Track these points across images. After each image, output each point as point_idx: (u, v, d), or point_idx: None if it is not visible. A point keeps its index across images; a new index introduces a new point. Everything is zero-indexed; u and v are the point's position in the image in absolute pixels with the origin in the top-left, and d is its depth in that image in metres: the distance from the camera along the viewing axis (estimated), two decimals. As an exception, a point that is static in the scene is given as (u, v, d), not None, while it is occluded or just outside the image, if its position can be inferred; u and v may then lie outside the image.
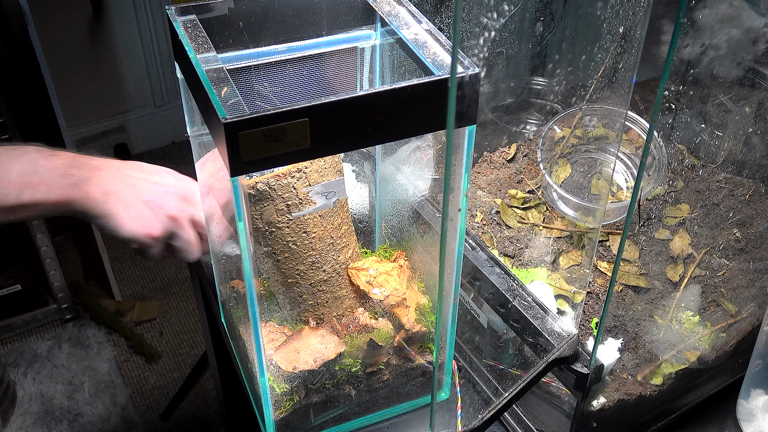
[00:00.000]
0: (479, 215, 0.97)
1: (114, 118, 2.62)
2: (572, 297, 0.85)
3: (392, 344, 0.79)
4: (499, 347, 0.86)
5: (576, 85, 1.04)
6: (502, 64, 1.06)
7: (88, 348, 2.05)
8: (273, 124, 0.54)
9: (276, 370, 0.75)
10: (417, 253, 0.84)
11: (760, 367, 0.83)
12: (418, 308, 0.81)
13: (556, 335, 0.74)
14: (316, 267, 0.76)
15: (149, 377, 2.02)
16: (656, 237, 0.93)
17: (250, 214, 0.70)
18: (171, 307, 2.22)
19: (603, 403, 0.78)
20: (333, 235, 0.76)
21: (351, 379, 0.79)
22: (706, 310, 0.87)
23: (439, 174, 0.79)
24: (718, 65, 0.96)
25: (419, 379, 0.83)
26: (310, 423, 0.80)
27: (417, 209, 0.84)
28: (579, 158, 1.01)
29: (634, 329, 0.83)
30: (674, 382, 0.82)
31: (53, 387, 1.93)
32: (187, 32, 0.66)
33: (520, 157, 1.06)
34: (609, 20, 0.86)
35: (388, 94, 0.57)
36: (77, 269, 2.24)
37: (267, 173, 0.69)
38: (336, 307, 0.79)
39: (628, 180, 0.99)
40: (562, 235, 0.94)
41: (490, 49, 0.99)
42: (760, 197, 0.96)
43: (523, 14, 1.02)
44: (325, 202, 0.72)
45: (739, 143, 1.00)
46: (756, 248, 0.91)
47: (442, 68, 0.61)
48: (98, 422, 1.87)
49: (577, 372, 0.73)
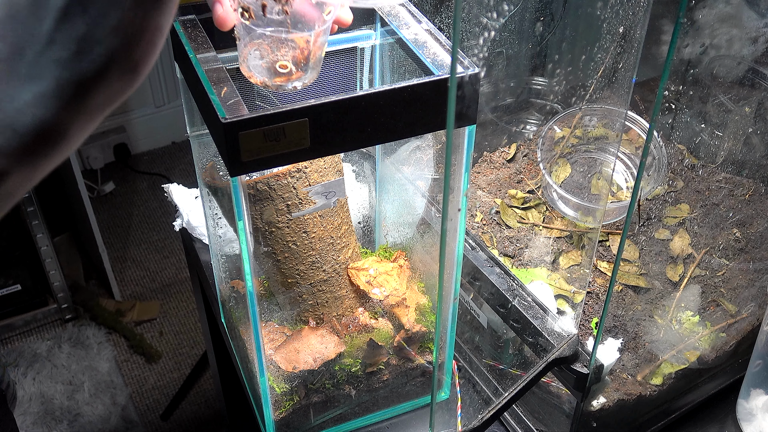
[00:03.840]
0: (479, 215, 0.97)
1: (114, 118, 2.62)
2: (572, 297, 0.85)
3: (392, 344, 0.79)
4: (499, 347, 0.86)
5: (576, 85, 1.04)
6: (502, 64, 1.06)
7: (88, 348, 2.05)
8: (273, 124, 0.54)
9: (276, 370, 0.75)
10: (417, 253, 0.84)
11: (760, 367, 0.83)
12: (418, 308, 0.81)
13: (556, 335, 0.74)
14: (316, 267, 0.76)
15: (149, 377, 2.02)
16: (656, 237, 0.93)
17: (250, 213, 0.70)
18: (171, 307, 2.22)
19: (603, 403, 0.78)
20: (333, 235, 0.76)
21: (351, 379, 0.79)
22: (706, 310, 0.87)
23: (439, 174, 0.79)
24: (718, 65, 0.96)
25: (419, 379, 0.83)
26: (310, 423, 0.80)
27: (417, 209, 0.84)
28: (579, 158, 1.01)
29: (634, 329, 0.83)
30: (674, 382, 0.82)
31: (53, 387, 1.93)
32: (186, 32, 0.66)
33: (520, 157, 1.06)
34: (609, 20, 0.86)
35: (388, 94, 0.57)
36: (77, 269, 2.24)
37: (267, 173, 0.69)
38: (336, 307, 0.79)
39: (628, 180, 0.99)
40: (562, 235, 0.94)
41: (490, 49, 0.99)
42: (760, 197, 0.96)
43: (523, 14, 1.02)
44: (325, 202, 0.72)
45: (739, 143, 1.00)
46: (756, 248, 0.91)
47: (442, 68, 0.61)
48: (98, 422, 1.87)
49: (577, 372, 0.73)
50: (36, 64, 0.34)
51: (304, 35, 0.59)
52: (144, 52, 0.36)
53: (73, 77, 0.34)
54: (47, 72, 0.34)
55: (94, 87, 0.35)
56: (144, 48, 0.36)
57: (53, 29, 0.34)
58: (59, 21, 0.34)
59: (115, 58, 0.35)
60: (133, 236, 2.44)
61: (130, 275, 2.31)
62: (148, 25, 0.36)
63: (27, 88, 0.34)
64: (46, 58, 0.34)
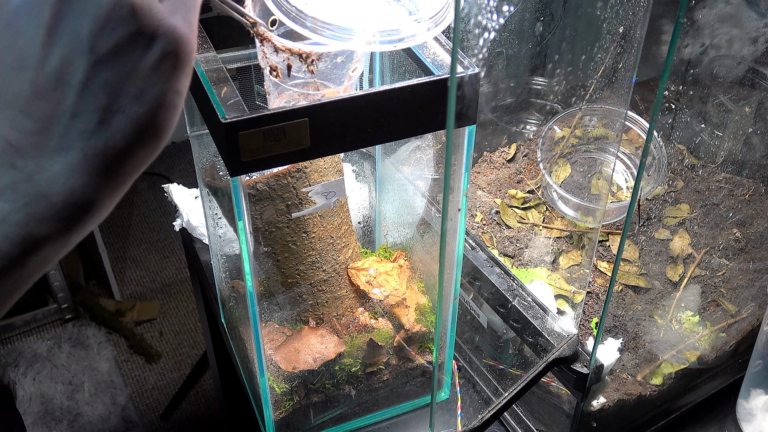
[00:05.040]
0: (479, 215, 0.97)
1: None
2: (572, 297, 0.85)
3: (392, 344, 0.79)
4: (499, 347, 0.86)
5: (576, 85, 1.04)
6: (502, 64, 1.06)
7: (88, 348, 2.05)
8: (273, 124, 0.54)
9: (276, 370, 0.75)
10: (417, 253, 0.84)
11: (760, 367, 0.83)
12: (418, 308, 0.81)
13: (556, 335, 0.74)
14: (316, 267, 0.76)
15: (149, 377, 2.02)
16: (656, 237, 0.93)
17: (250, 213, 0.70)
18: (171, 307, 2.22)
19: (603, 403, 0.78)
20: (333, 235, 0.76)
21: (351, 379, 0.79)
22: (706, 310, 0.87)
23: (439, 174, 0.79)
24: (718, 65, 0.96)
25: (419, 379, 0.83)
26: (310, 423, 0.80)
27: (417, 209, 0.84)
28: (579, 158, 1.01)
29: (634, 329, 0.83)
30: (674, 382, 0.82)
31: (53, 387, 1.93)
32: (187, 32, 0.66)
33: (520, 157, 1.06)
34: (609, 20, 0.86)
35: (388, 94, 0.57)
36: (77, 269, 2.24)
37: (267, 173, 0.69)
38: (336, 307, 0.79)
39: (628, 180, 0.99)
40: (562, 235, 0.94)
41: (490, 49, 0.99)
42: (760, 197, 0.96)
43: (523, 14, 1.02)
44: (325, 202, 0.72)
45: (739, 143, 1.00)
46: (756, 248, 0.91)
47: (442, 68, 0.61)
48: (98, 422, 1.87)
49: (577, 372, 0.73)
50: (64, 137, 0.36)
51: (330, 91, 0.60)
52: (165, 116, 0.38)
53: (99, 146, 0.36)
54: (75, 143, 0.36)
55: (120, 154, 0.37)
56: (165, 113, 0.38)
57: (76, 103, 0.35)
58: (81, 94, 0.35)
59: (138, 125, 0.37)
60: (133, 236, 2.44)
61: (130, 275, 2.31)
62: (167, 90, 0.37)
63: (57, 160, 0.35)
64: (73, 131, 0.36)
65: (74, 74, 0.35)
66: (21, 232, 0.35)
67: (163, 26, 0.37)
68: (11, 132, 0.35)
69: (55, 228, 0.36)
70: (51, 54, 0.35)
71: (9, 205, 0.35)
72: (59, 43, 0.35)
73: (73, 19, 0.35)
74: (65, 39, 0.35)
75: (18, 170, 0.35)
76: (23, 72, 0.36)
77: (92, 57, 0.35)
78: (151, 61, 0.37)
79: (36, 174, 0.35)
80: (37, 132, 0.35)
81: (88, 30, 0.35)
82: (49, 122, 0.36)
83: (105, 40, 0.35)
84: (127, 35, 0.36)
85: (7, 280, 0.35)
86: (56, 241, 0.36)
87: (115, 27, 0.35)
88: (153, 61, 0.37)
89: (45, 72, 0.35)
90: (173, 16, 0.38)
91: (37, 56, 0.35)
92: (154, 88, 0.37)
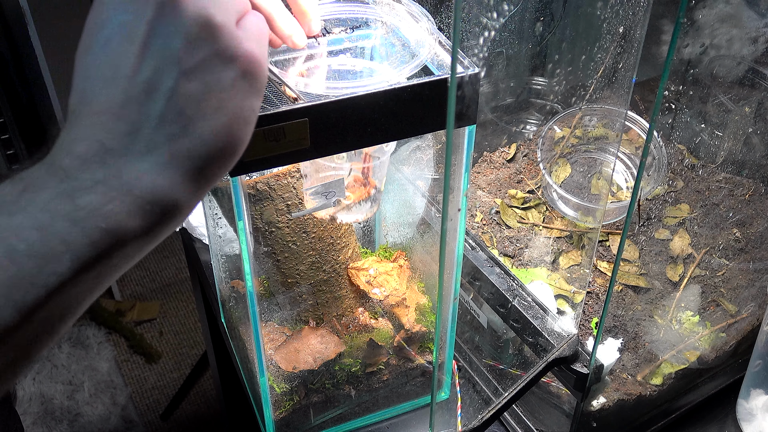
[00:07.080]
0: (479, 215, 0.97)
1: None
2: (572, 297, 0.85)
3: (392, 344, 0.79)
4: (499, 347, 0.86)
5: (576, 85, 1.04)
6: (502, 64, 1.06)
7: (88, 348, 2.05)
8: (273, 124, 0.54)
9: (276, 370, 0.75)
10: (417, 253, 0.84)
11: (760, 367, 0.83)
12: (418, 308, 0.81)
13: (555, 335, 0.74)
14: (316, 267, 0.76)
15: (149, 377, 2.02)
16: (656, 237, 0.93)
17: (250, 213, 0.70)
18: (171, 307, 2.22)
19: (603, 403, 0.78)
20: (333, 235, 0.76)
21: (351, 379, 0.79)
22: (706, 310, 0.87)
23: (439, 174, 0.79)
24: (718, 65, 0.96)
25: (419, 379, 0.83)
26: (310, 423, 0.80)
27: (417, 209, 0.84)
28: (579, 158, 1.01)
29: (634, 329, 0.83)
30: (674, 382, 0.82)
31: (53, 387, 1.93)
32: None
33: (520, 157, 1.06)
34: (609, 20, 0.86)
35: (388, 94, 0.57)
36: (77, 269, 2.24)
37: (267, 173, 0.69)
38: (336, 307, 0.79)
39: (628, 180, 0.99)
40: (562, 235, 0.94)
41: (490, 49, 0.99)
42: (760, 197, 0.96)
43: (523, 14, 1.02)
44: (325, 202, 0.72)
45: (739, 143, 1.00)
46: (756, 248, 0.91)
47: (442, 68, 0.61)
48: (98, 422, 1.87)
49: (577, 372, 0.73)
50: (151, 139, 0.39)
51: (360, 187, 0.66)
52: (240, 128, 0.42)
53: (182, 149, 0.39)
54: (161, 145, 0.39)
55: (200, 159, 0.40)
56: (240, 125, 0.42)
57: (164, 108, 0.39)
58: (168, 101, 0.39)
59: (217, 134, 0.41)
60: (133, 236, 2.44)
61: (130, 275, 2.31)
62: (243, 105, 0.42)
63: (145, 159, 0.39)
64: (160, 134, 0.39)
65: (164, 83, 0.39)
66: (110, 224, 0.37)
67: (241, 49, 0.41)
68: (104, 134, 0.38)
69: (140, 223, 0.38)
70: (144, 64, 0.39)
71: (100, 198, 0.37)
72: (152, 56, 0.39)
73: (166, 35, 0.39)
74: (157, 52, 0.39)
75: (109, 167, 0.38)
76: (116, 81, 0.39)
77: (180, 68, 0.39)
78: (230, 78, 0.41)
79: (125, 171, 0.38)
80: (127, 134, 0.39)
81: (178, 45, 0.39)
82: (138, 125, 0.39)
83: (192, 55, 0.39)
84: (211, 53, 0.40)
85: (91, 271, 0.37)
86: (140, 238, 0.39)
87: (201, 44, 0.40)
88: (232, 78, 0.41)
89: (136, 81, 0.39)
90: (249, 42, 0.42)
91: (131, 67, 0.39)
92: (232, 102, 0.41)
